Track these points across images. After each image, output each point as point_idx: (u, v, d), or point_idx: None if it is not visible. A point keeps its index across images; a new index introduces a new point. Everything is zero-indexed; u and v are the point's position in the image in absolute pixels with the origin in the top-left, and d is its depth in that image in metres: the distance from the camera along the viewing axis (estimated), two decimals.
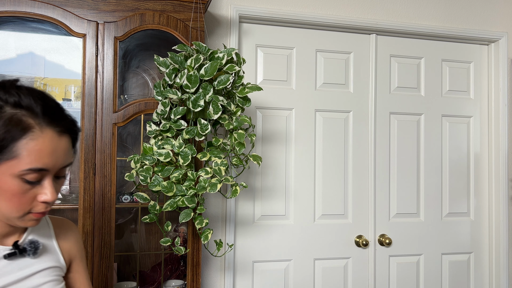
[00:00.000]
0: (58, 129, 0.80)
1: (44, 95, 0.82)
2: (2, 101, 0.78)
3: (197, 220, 1.61)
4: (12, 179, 0.77)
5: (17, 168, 0.76)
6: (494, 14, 2.54)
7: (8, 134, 0.75)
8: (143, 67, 2.04)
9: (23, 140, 0.76)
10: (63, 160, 0.82)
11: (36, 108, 0.78)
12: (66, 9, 1.67)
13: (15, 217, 0.81)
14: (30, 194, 0.80)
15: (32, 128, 0.77)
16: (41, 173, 0.79)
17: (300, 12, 2.23)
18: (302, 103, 2.30)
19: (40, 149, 0.77)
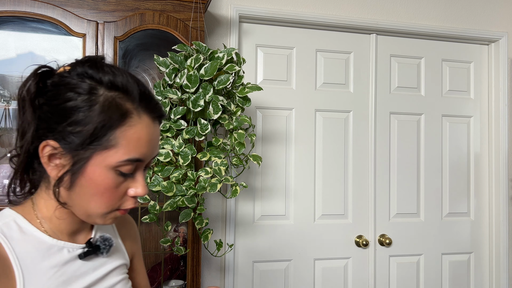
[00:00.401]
0: (153, 115, 0.71)
1: (134, 75, 0.72)
2: (95, 81, 0.68)
3: (197, 220, 1.61)
4: (107, 171, 0.68)
5: (114, 158, 0.67)
6: (494, 14, 2.54)
7: (106, 121, 0.66)
8: (143, 67, 2.04)
9: (121, 127, 0.67)
10: (156, 149, 0.73)
11: (133, 90, 0.69)
12: (66, 9, 1.67)
13: (100, 213, 0.71)
14: (122, 188, 0.70)
15: (130, 114, 0.68)
16: (136, 164, 0.70)
17: (300, 12, 2.23)
18: (302, 103, 2.30)
19: (138, 137, 0.68)
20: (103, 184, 0.68)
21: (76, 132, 0.66)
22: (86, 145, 0.66)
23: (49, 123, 0.68)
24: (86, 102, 0.66)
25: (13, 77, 1.92)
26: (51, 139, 0.68)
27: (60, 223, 0.75)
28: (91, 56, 0.71)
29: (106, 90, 0.67)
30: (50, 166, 0.69)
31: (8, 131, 1.93)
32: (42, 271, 0.70)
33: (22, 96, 0.70)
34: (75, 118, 0.66)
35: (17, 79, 1.93)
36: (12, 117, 1.95)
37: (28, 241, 0.71)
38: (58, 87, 0.69)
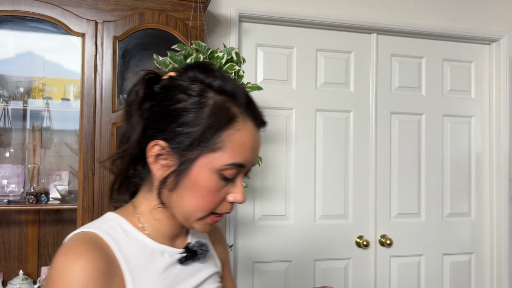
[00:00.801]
0: (256, 122, 0.72)
1: (238, 83, 0.75)
2: (205, 84, 0.70)
3: None
4: (211, 174, 0.68)
5: (219, 161, 0.68)
6: (495, 14, 2.53)
7: (214, 123, 0.67)
8: (142, 66, 2.03)
9: (228, 130, 0.68)
10: (257, 157, 0.73)
11: (241, 96, 0.71)
12: (65, 8, 1.66)
13: (197, 217, 0.71)
14: (222, 192, 0.71)
15: (237, 118, 0.69)
16: (238, 169, 0.70)
17: (300, 11, 2.22)
18: (302, 103, 2.29)
19: (243, 142, 0.69)
20: (207, 186, 0.69)
21: (185, 133, 0.68)
22: (194, 146, 0.67)
23: (159, 124, 0.70)
24: (197, 104, 0.68)
25: (12, 77, 1.91)
26: (160, 139, 0.69)
27: (161, 227, 0.76)
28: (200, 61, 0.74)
29: (215, 93, 0.69)
30: (156, 166, 0.70)
31: (7, 131, 1.93)
32: (149, 273, 0.71)
33: (130, 101, 0.72)
34: (185, 119, 0.68)
35: (16, 79, 1.92)
36: (11, 117, 1.94)
37: (133, 243, 0.72)
38: (169, 89, 0.71)
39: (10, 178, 1.90)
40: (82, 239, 0.67)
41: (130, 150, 0.72)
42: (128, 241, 0.72)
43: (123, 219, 0.74)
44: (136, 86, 0.72)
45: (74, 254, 0.63)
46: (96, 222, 0.74)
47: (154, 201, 0.73)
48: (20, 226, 1.91)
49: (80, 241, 0.67)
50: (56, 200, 1.84)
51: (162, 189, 0.71)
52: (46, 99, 1.90)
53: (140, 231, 0.74)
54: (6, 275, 1.88)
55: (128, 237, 0.72)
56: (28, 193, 1.80)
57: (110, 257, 0.67)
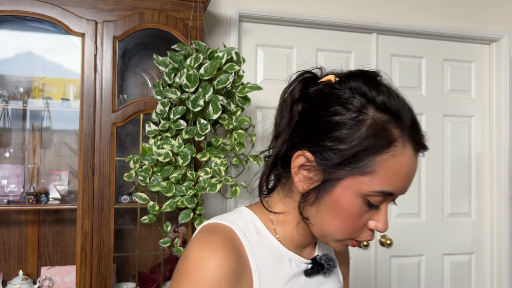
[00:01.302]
0: (417, 148, 0.65)
1: (406, 100, 0.66)
2: (367, 99, 0.63)
3: (196, 221, 1.60)
4: (355, 197, 0.63)
5: (367, 186, 0.62)
6: (495, 14, 2.53)
7: (370, 146, 0.61)
8: (142, 66, 2.03)
9: (383, 155, 0.61)
10: (409, 186, 0.66)
11: (404, 117, 0.63)
12: (65, 8, 1.66)
13: (336, 238, 0.67)
14: (364, 218, 0.65)
15: (395, 142, 0.62)
16: (385, 197, 0.64)
17: (300, 11, 2.22)
18: None
19: (398, 169, 0.62)
20: (349, 209, 0.64)
21: (336, 150, 0.62)
22: (342, 165, 0.62)
23: (308, 133, 0.66)
24: (354, 121, 0.62)
25: (12, 77, 1.91)
26: (307, 150, 0.65)
27: (293, 234, 0.73)
28: (365, 70, 0.66)
29: (376, 111, 0.62)
30: (298, 176, 0.67)
31: (7, 131, 1.92)
32: (275, 279, 0.69)
33: (283, 100, 0.69)
34: (338, 134, 0.62)
35: (16, 79, 1.92)
36: (11, 117, 1.94)
37: (264, 245, 0.70)
38: (326, 98, 0.65)
39: (10, 178, 1.89)
40: (219, 233, 0.66)
41: (276, 152, 0.70)
42: (259, 241, 0.69)
43: (257, 218, 0.73)
44: (291, 85, 0.69)
45: (211, 248, 0.62)
46: (231, 216, 0.73)
47: (290, 207, 0.71)
48: (20, 226, 1.91)
49: (217, 235, 0.65)
50: (56, 200, 1.84)
51: (304, 202, 0.68)
52: (46, 99, 1.90)
53: (272, 234, 0.72)
54: (6, 275, 1.88)
55: (260, 237, 0.70)
56: (28, 193, 1.79)
57: (242, 257, 0.65)
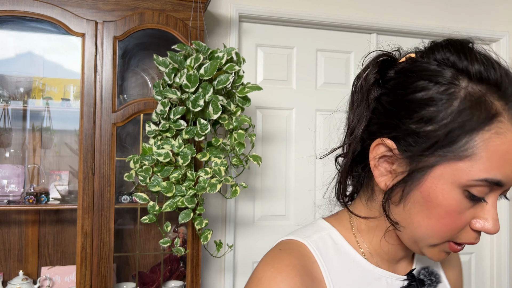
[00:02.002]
0: None
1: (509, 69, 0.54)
2: (458, 70, 0.53)
3: (196, 221, 1.60)
4: (452, 190, 0.51)
5: (466, 174, 0.50)
6: (495, 14, 2.53)
7: (465, 122, 0.49)
8: (142, 66, 2.03)
9: (485, 133, 0.49)
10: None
11: (508, 87, 0.51)
12: (65, 8, 1.66)
13: (430, 243, 0.55)
14: (466, 215, 0.52)
15: (499, 117, 0.50)
16: (492, 187, 0.51)
17: (300, 11, 2.22)
18: (302, 103, 2.29)
19: (506, 150, 0.49)
20: (444, 205, 0.51)
21: (423, 132, 0.51)
22: (432, 150, 0.51)
23: (387, 118, 0.55)
24: (443, 94, 0.51)
25: (12, 77, 1.91)
26: (387, 137, 0.55)
27: (382, 246, 0.61)
28: (453, 39, 0.56)
29: (471, 82, 0.52)
30: (379, 170, 0.56)
31: (7, 131, 1.93)
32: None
33: (357, 87, 0.60)
34: (425, 113, 0.51)
35: (16, 79, 1.92)
36: (11, 117, 1.94)
37: (344, 262, 0.60)
38: (407, 74, 0.55)
39: (10, 178, 1.90)
40: (287, 251, 0.59)
41: (353, 147, 0.61)
42: (338, 258, 0.60)
43: (335, 231, 0.63)
44: (366, 70, 0.59)
45: (275, 268, 0.55)
46: (307, 230, 0.65)
47: (375, 211, 0.60)
48: (20, 226, 1.91)
49: (285, 253, 0.58)
50: (56, 200, 1.84)
51: (388, 202, 0.56)
52: (46, 99, 1.90)
53: (355, 248, 0.62)
54: (6, 275, 1.88)
55: (338, 253, 0.61)
56: (28, 193, 1.80)
57: (314, 278, 0.57)
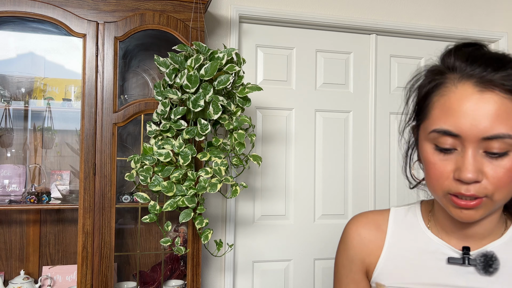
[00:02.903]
0: (478, 77, 0.62)
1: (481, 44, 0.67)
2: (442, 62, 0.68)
3: (197, 220, 1.61)
4: (426, 144, 0.66)
5: (427, 129, 0.66)
6: (494, 14, 2.54)
7: (422, 88, 0.69)
8: (143, 67, 2.04)
9: (434, 97, 0.65)
10: (485, 126, 0.60)
11: (454, 53, 0.65)
12: (66, 9, 1.67)
13: (438, 197, 0.67)
14: (446, 167, 0.63)
15: (445, 83, 0.64)
16: (454, 139, 0.62)
17: (300, 12, 2.23)
18: (302, 103, 2.30)
19: (449, 107, 0.62)
20: (426, 159, 0.67)
21: (415, 105, 0.71)
22: (417, 119, 0.71)
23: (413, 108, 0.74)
24: (422, 76, 0.71)
25: (13, 77, 1.92)
26: (414, 122, 0.73)
27: (441, 219, 0.75)
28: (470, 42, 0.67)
29: (445, 68, 0.66)
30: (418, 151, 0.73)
31: (9, 131, 1.94)
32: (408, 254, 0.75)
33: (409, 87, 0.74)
34: (413, 94, 0.72)
35: (17, 79, 1.93)
36: (12, 117, 1.95)
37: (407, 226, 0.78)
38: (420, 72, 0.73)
39: (12, 178, 1.91)
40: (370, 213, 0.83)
41: (410, 138, 0.77)
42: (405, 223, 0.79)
43: (417, 206, 0.81)
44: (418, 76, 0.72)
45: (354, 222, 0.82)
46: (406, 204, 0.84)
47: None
48: (21, 226, 1.92)
49: (366, 214, 0.83)
50: (57, 200, 1.85)
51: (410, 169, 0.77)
52: (47, 100, 1.91)
53: (424, 221, 0.78)
54: (7, 274, 1.89)
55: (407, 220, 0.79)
56: (30, 193, 1.81)
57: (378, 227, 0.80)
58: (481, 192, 0.62)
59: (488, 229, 0.72)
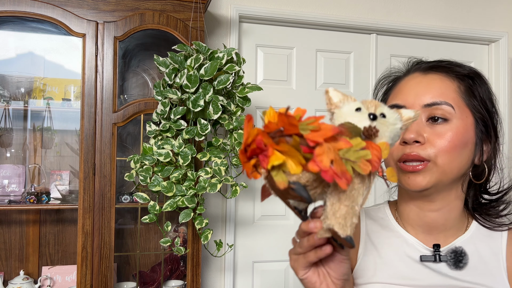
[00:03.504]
0: (423, 67, 0.78)
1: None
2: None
3: (197, 220, 1.61)
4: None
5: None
6: (494, 14, 2.54)
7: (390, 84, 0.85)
8: (142, 67, 2.04)
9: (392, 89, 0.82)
10: (425, 96, 0.72)
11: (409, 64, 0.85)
12: (66, 9, 1.66)
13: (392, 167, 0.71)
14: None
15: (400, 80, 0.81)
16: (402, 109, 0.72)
17: (300, 12, 2.23)
18: (302, 103, 2.29)
19: (399, 88, 0.78)
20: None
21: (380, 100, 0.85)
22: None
23: None
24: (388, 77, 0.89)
25: (13, 77, 1.92)
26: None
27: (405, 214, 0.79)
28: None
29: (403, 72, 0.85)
30: None
31: (8, 131, 1.93)
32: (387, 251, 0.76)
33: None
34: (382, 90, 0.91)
35: (17, 79, 1.93)
36: (12, 117, 1.95)
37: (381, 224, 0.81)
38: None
39: (11, 178, 1.90)
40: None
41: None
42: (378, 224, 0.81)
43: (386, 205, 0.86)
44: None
45: None
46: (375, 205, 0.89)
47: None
48: (21, 226, 1.92)
49: None
50: (57, 200, 1.85)
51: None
52: (46, 99, 1.91)
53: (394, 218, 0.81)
54: (7, 274, 1.89)
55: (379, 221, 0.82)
56: (29, 193, 1.80)
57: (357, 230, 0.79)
58: (423, 153, 0.69)
59: (450, 220, 0.75)
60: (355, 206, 0.51)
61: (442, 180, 0.70)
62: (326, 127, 0.47)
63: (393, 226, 0.78)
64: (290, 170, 0.44)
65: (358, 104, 0.53)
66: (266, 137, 0.45)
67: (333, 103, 0.56)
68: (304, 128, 0.47)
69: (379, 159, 0.49)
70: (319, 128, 0.46)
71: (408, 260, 0.74)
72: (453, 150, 0.69)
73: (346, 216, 0.50)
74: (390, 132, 0.52)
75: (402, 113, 0.55)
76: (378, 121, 0.51)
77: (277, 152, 0.45)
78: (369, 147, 0.48)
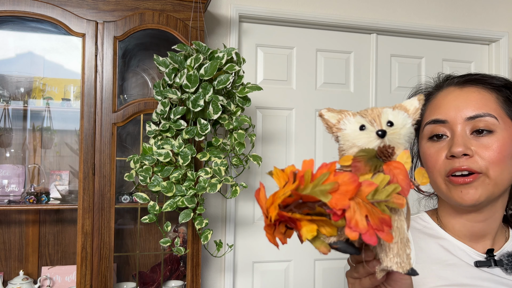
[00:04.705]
0: (457, 82, 0.77)
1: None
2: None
3: (197, 221, 1.61)
4: (422, 141, 0.77)
5: (422, 128, 0.78)
6: (494, 14, 2.54)
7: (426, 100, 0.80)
8: (142, 66, 2.03)
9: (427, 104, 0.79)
10: (467, 109, 0.72)
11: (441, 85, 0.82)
12: (65, 8, 1.66)
13: (438, 188, 0.74)
14: (441, 154, 0.72)
15: (434, 95, 0.80)
16: (444, 126, 0.74)
17: (300, 12, 2.23)
18: (302, 103, 2.29)
19: (435, 104, 0.77)
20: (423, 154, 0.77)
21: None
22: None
23: None
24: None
25: (13, 77, 1.92)
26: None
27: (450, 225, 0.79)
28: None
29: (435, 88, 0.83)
30: None
31: (8, 131, 1.93)
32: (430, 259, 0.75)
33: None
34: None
35: (16, 79, 1.92)
36: (11, 117, 1.94)
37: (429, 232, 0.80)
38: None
39: (11, 178, 1.90)
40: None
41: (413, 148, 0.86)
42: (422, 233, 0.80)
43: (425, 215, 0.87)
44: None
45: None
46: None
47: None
48: (21, 226, 1.91)
49: None
50: (57, 200, 1.85)
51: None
52: (46, 99, 1.90)
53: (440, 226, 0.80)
54: (6, 275, 1.89)
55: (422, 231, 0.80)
56: (29, 193, 1.80)
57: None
58: (474, 166, 0.68)
59: (495, 228, 0.76)
60: (403, 237, 0.47)
61: (494, 192, 0.70)
62: (345, 181, 0.42)
63: (441, 233, 0.78)
64: (326, 234, 0.42)
65: (359, 120, 0.49)
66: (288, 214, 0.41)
67: (332, 126, 0.52)
68: (323, 191, 0.41)
69: (407, 178, 0.45)
70: (338, 185, 0.41)
71: (464, 266, 0.74)
72: (503, 161, 0.69)
73: (399, 253, 0.47)
74: (404, 136, 0.48)
75: (407, 106, 0.52)
76: (388, 134, 0.47)
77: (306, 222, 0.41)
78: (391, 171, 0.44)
